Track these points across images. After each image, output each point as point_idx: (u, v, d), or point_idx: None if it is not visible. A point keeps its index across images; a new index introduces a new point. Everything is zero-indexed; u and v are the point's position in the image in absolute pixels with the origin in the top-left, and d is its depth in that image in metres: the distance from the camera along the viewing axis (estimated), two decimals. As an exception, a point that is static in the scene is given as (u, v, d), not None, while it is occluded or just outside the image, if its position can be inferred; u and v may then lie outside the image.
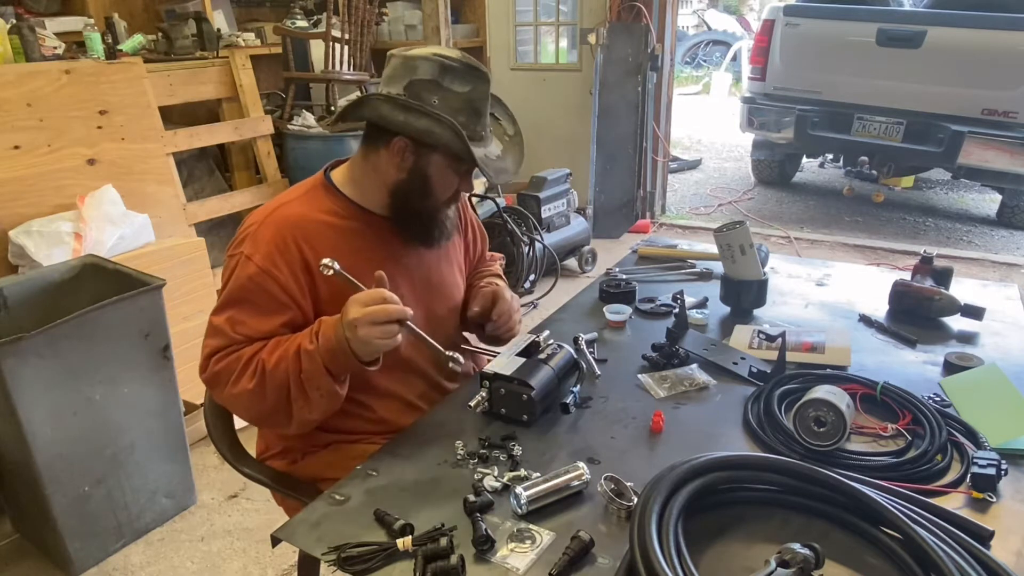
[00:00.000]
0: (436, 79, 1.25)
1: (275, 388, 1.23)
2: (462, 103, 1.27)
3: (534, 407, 1.27)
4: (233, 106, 3.52)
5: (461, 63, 1.26)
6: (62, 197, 2.57)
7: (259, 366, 1.24)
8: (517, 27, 5.21)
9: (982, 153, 4.62)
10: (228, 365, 1.25)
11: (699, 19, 13.67)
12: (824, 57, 5.16)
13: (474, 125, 1.30)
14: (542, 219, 3.98)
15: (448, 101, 1.26)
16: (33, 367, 1.86)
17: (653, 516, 0.91)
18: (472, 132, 1.28)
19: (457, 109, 1.26)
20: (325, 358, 1.21)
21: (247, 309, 1.27)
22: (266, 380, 1.23)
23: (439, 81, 1.25)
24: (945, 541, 0.91)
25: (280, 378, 1.23)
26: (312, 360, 1.22)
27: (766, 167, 6.39)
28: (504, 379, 1.29)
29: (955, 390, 1.36)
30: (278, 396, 1.24)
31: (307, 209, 1.33)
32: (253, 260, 1.26)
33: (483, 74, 1.29)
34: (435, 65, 1.25)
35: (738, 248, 1.70)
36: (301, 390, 1.23)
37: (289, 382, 1.23)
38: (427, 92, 1.25)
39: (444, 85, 1.25)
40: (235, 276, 1.28)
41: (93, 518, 2.09)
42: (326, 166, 1.42)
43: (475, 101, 1.29)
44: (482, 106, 1.31)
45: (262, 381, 1.23)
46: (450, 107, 1.26)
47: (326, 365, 1.21)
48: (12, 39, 2.63)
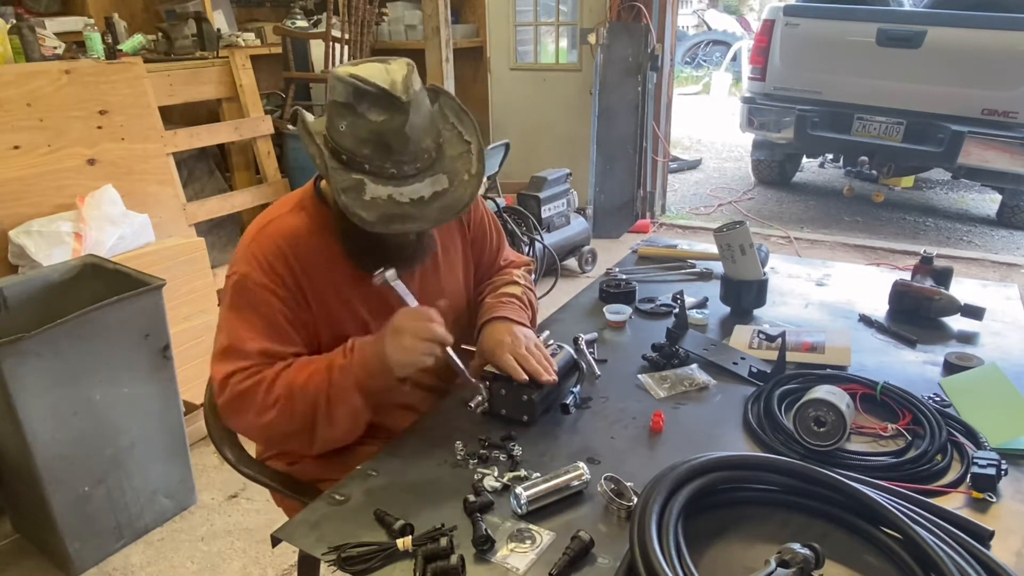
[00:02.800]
0: (350, 103, 1.14)
1: (304, 406, 1.21)
2: (369, 134, 1.15)
3: (535, 408, 1.27)
4: (233, 106, 3.52)
5: (377, 89, 1.13)
6: (62, 197, 2.57)
7: (286, 387, 1.22)
8: (517, 27, 5.21)
9: (982, 153, 4.62)
10: (251, 388, 1.22)
11: (699, 19, 13.67)
12: (824, 57, 5.16)
13: (381, 160, 1.16)
14: (542, 219, 3.98)
15: (356, 129, 1.15)
16: (33, 367, 1.86)
17: (653, 516, 0.91)
18: (376, 168, 1.16)
19: (362, 139, 1.15)
20: (359, 373, 1.21)
21: (255, 326, 1.25)
22: (294, 399, 1.21)
23: (353, 106, 1.14)
24: (945, 541, 0.91)
25: (311, 395, 1.21)
26: (345, 374, 1.22)
27: (766, 167, 6.39)
28: (505, 379, 1.29)
29: (955, 390, 1.36)
30: (304, 416, 1.22)
31: (297, 223, 1.31)
32: (251, 278, 1.25)
33: (401, 105, 1.14)
34: (349, 88, 1.14)
35: (738, 248, 1.70)
36: (328, 408, 1.22)
37: (317, 400, 1.21)
38: (338, 116, 1.16)
39: (358, 111, 1.14)
40: (235, 296, 1.27)
41: (93, 518, 2.09)
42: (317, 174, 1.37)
43: (386, 134, 1.15)
44: (394, 140, 1.15)
45: (290, 401, 1.21)
46: (356, 136, 1.15)
47: (358, 381, 1.22)
48: (12, 39, 2.63)
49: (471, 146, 1.27)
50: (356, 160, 1.17)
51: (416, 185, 1.19)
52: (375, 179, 1.17)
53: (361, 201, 1.15)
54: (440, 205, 1.20)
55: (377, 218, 1.15)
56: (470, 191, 1.23)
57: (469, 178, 1.24)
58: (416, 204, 1.18)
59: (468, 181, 1.23)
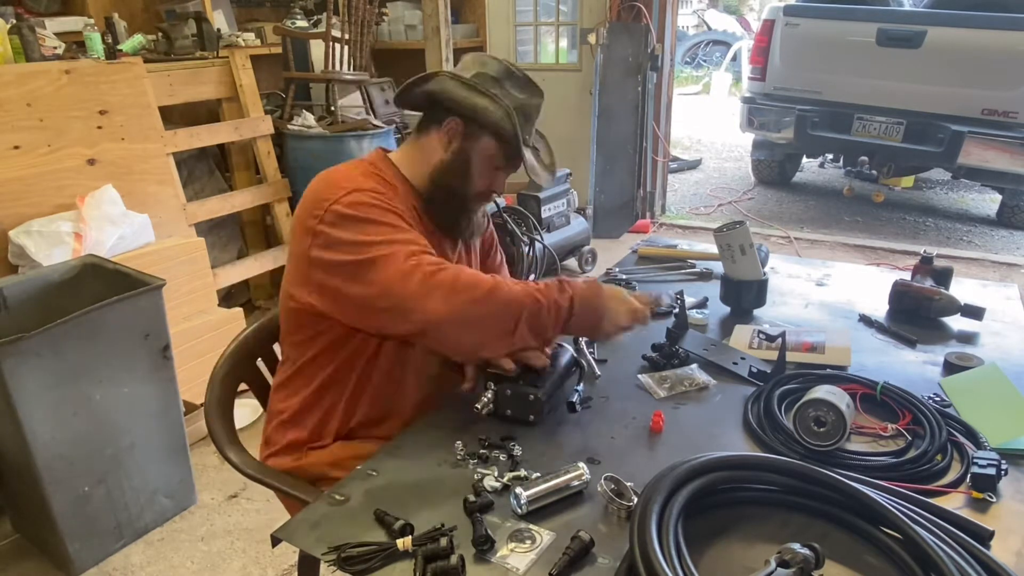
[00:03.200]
0: (500, 78, 1.35)
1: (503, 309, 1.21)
2: (518, 105, 1.35)
3: (541, 407, 1.27)
4: (233, 106, 3.52)
5: (523, 74, 1.38)
6: (62, 197, 2.57)
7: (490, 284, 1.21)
8: (517, 27, 5.21)
9: (982, 153, 4.63)
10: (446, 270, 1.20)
11: (699, 19, 13.68)
12: (824, 57, 5.16)
13: (523, 128, 1.35)
14: (542, 219, 3.97)
15: (507, 98, 1.34)
16: (33, 367, 1.86)
17: (653, 516, 0.91)
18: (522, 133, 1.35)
19: (513, 108, 1.34)
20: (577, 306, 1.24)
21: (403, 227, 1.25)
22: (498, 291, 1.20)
23: (502, 81, 1.35)
24: (945, 541, 0.91)
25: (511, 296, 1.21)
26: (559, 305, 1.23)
27: (766, 167, 6.39)
28: (510, 380, 1.29)
29: (955, 390, 1.36)
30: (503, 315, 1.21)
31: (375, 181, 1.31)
32: (365, 191, 1.25)
33: (540, 91, 1.40)
34: (502, 67, 1.36)
35: (738, 248, 1.70)
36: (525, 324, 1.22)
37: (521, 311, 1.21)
38: (491, 85, 1.34)
39: (506, 87, 1.35)
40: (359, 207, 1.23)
41: (93, 518, 2.09)
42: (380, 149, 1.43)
43: (528, 108, 1.37)
44: (533, 115, 1.39)
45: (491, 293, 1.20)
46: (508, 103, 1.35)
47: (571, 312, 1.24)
48: (12, 39, 2.63)
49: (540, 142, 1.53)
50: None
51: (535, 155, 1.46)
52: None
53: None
54: (548, 175, 1.48)
55: (529, 167, 1.39)
56: (551, 173, 1.50)
57: (546, 166, 1.50)
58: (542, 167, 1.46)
59: (548, 167, 1.51)
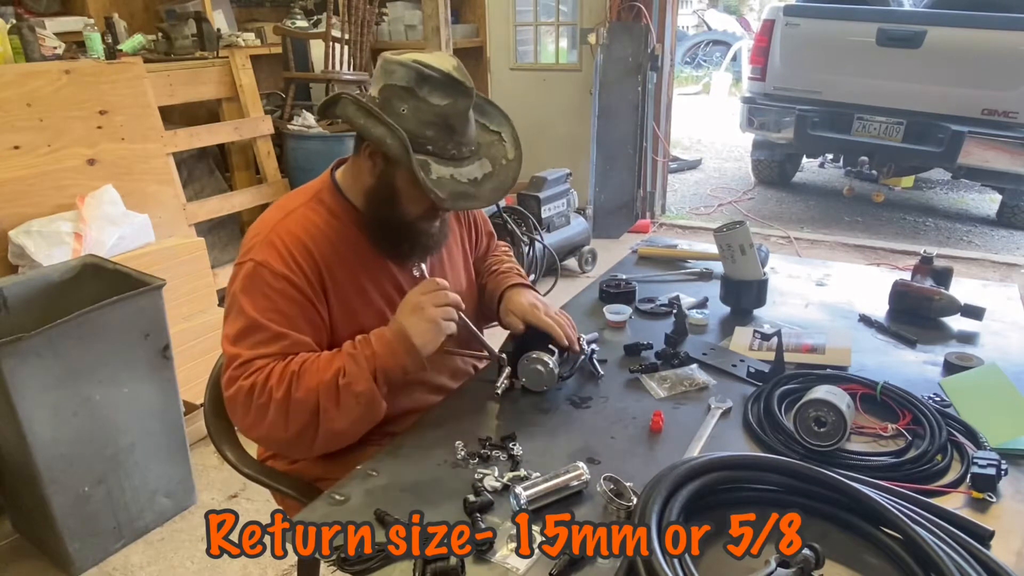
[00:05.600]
0: (411, 87, 1.18)
1: (304, 396, 1.18)
2: (434, 116, 1.19)
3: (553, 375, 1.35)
4: (233, 106, 3.52)
5: (442, 74, 1.18)
6: (62, 197, 2.57)
7: (290, 374, 1.19)
8: (517, 27, 5.21)
9: (982, 153, 4.62)
10: (255, 379, 1.20)
11: (699, 19, 13.67)
12: (824, 57, 5.16)
13: (444, 142, 1.21)
14: (542, 219, 3.97)
15: (419, 112, 1.19)
16: (33, 367, 1.86)
17: (653, 516, 0.91)
18: (440, 149, 1.21)
19: (426, 122, 1.19)
20: (382, 359, 1.22)
21: (268, 310, 1.23)
22: (293, 388, 1.18)
23: (414, 89, 1.18)
24: (945, 541, 0.91)
25: (310, 382, 1.19)
26: (356, 362, 1.21)
27: (766, 167, 6.39)
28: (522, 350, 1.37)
29: (955, 390, 1.36)
30: (304, 406, 1.19)
31: (316, 215, 1.31)
32: (269, 266, 1.23)
33: (466, 90, 1.21)
34: (411, 72, 1.18)
35: (738, 248, 1.70)
36: (334, 397, 1.20)
37: (319, 389, 1.19)
38: (398, 99, 1.19)
39: (420, 95, 1.18)
40: (248, 282, 1.24)
41: (93, 518, 2.09)
42: (332, 165, 1.40)
43: (450, 116, 1.20)
44: (458, 123, 1.22)
45: (288, 392, 1.18)
46: (419, 119, 1.19)
47: (378, 366, 1.22)
48: (12, 39, 2.63)
49: (502, 134, 1.35)
50: (419, 141, 1.20)
51: (470, 167, 1.26)
52: (438, 160, 1.22)
53: (431, 180, 1.20)
54: (492, 186, 1.28)
55: (448, 195, 1.20)
56: (512, 174, 1.31)
57: (507, 163, 1.32)
58: (473, 184, 1.25)
59: (507, 165, 1.31)
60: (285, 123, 3.78)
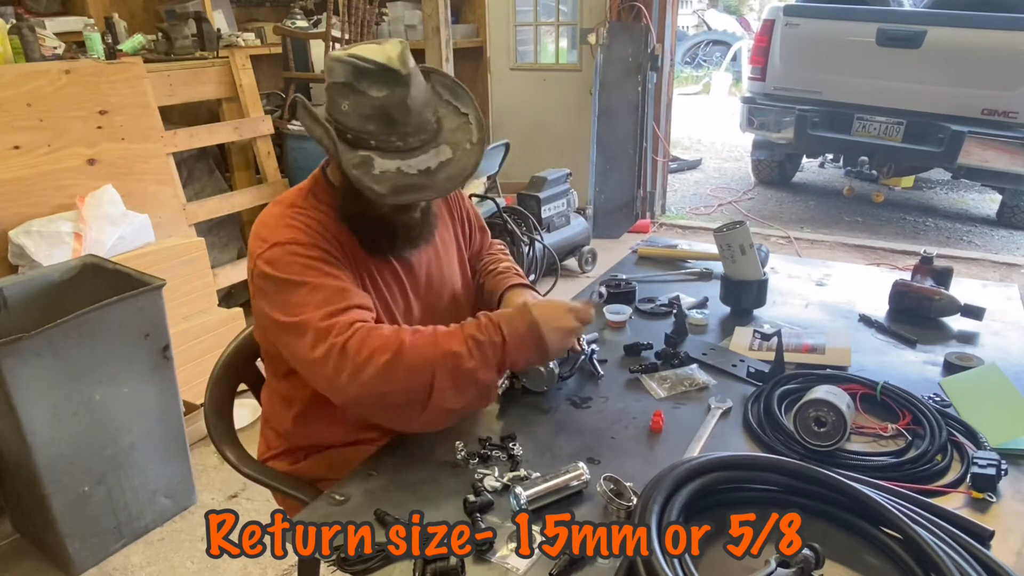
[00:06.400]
0: (350, 82, 1.17)
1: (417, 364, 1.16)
2: (373, 109, 1.17)
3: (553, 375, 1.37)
4: (233, 106, 3.52)
5: (376, 65, 1.16)
6: (62, 197, 2.57)
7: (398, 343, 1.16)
8: (517, 27, 5.21)
9: (982, 153, 4.62)
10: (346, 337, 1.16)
11: (699, 19, 13.67)
12: (824, 57, 5.16)
13: (386, 135, 1.19)
14: (542, 219, 3.97)
15: (359, 107, 1.17)
16: (33, 367, 1.86)
17: (653, 516, 0.91)
18: (382, 142, 1.19)
19: (367, 116, 1.18)
20: (511, 351, 1.21)
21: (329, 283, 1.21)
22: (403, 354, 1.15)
23: (353, 84, 1.17)
24: (945, 541, 0.91)
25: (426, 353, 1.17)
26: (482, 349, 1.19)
27: (766, 167, 6.39)
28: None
29: (955, 390, 1.36)
30: (413, 377, 1.16)
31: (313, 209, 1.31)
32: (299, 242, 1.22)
33: (402, 78, 1.17)
34: (348, 67, 1.17)
35: (738, 248, 1.70)
36: (451, 376, 1.17)
37: (435, 364, 1.16)
38: (340, 96, 1.19)
39: (359, 89, 1.17)
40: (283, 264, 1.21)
41: (93, 518, 2.09)
42: (322, 163, 1.40)
43: (390, 108, 1.17)
44: (398, 113, 1.18)
45: (397, 357, 1.15)
46: (360, 114, 1.18)
47: (505, 358, 1.21)
48: (12, 39, 2.63)
49: (469, 116, 1.30)
50: (362, 137, 1.19)
51: (422, 157, 1.22)
52: (382, 154, 1.19)
53: (371, 175, 1.17)
54: (447, 175, 1.23)
55: (389, 190, 1.17)
56: (474, 159, 1.26)
57: (471, 147, 1.27)
58: (424, 175, 1.21)
59: (470, 150, 1.27)
60: (285, 123, 3.79)
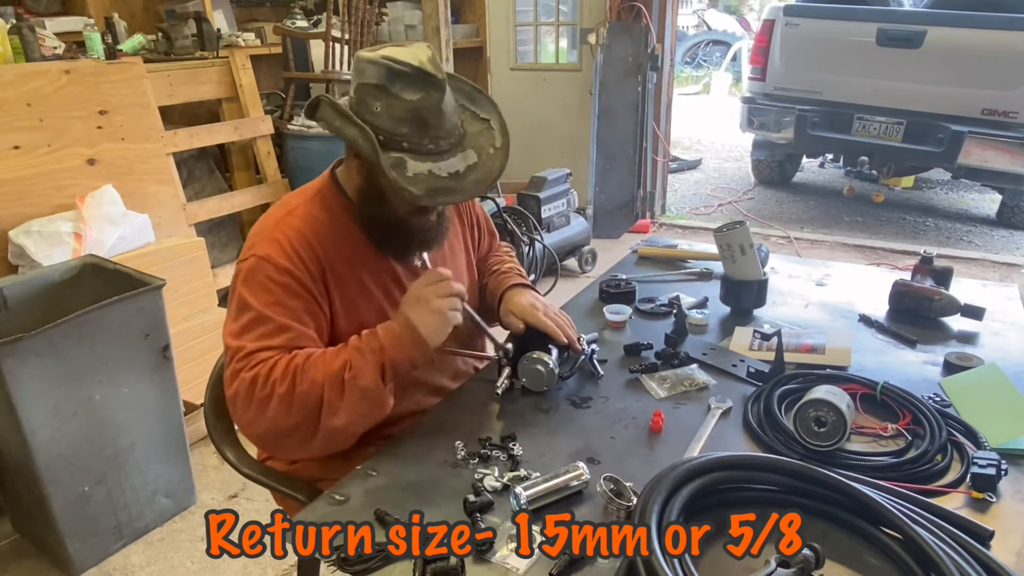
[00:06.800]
0: (383, 84, 1.17)
1: (307, 389, 1.17)
2: (407, 112, 1.17)
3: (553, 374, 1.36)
4: (233, 106, 3.52)
5: (412, 68, 1.16)
6: (62, 197, 2.57)
7: (295, 368, 1.17)
8: (517, 27, 5.21)
9: (982, 153, 4.62)
10: (257, 371, 1.18)
11: (699, 19, 13.67)
12: (824, 57, 5.16)
13: (419, 137, 1.19)
14: (542, 219, 3.97)
15: (392, 109, 1.17)
16: (33, 367, 1.86)
17: (653, 516, 0.91)
18: (415, 144, 1.19)
19: (400, 119, 1.18)
20: (389, 352, 1.20)
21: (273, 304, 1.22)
22: (297, 381, 1.16)
23: (386, 87, 1.17)
24: (945, 541, 0.91)
25: (315, 375, 1.17)
26: (363, 356, 1.20)
27: (766, 167, 6.39)
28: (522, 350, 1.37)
29: (955, 390, 1.36)
30: (307, 400, 1.17)
31: (318, 211, 1.32)
32: (272, 260, 1.24)
33: (437, 82, 1.18)
34: (382, 69, 1.17)
35: (738, 248, 1.70)
36: (338, 390, 1.18)
37: (323, 382, 1.17)
38: (371, 98, 1.18)
39: (392, 91, 1.17)
40: (251, 276, 1.23)
41: (93, 518, 2.09)
42: (333, 164, 1.41)
43: (423, 111, 1.18)
44: (432, 116, 1.19)
45: (292, 385, 1.16)
46: (392, 116, 1.18)
47: (385, 360, 1.20)
48: (12, 39, 2.63)
49: (491, 122, 1.32)
50: (394, 139, 1.19)
51: (451, 160, 1.24)
52: (414, 156, 1.20)
53: (406, 177, 1.18)
54: (475, 178, 1.24)
55: (424, 192, 1.18)
56: (499, 163, 1.28)
57: (495, 151, 1.29)
58: (454, 178, 1.22)
59: (495, 154, 1.29)
60: (285, 123, 3.78)
